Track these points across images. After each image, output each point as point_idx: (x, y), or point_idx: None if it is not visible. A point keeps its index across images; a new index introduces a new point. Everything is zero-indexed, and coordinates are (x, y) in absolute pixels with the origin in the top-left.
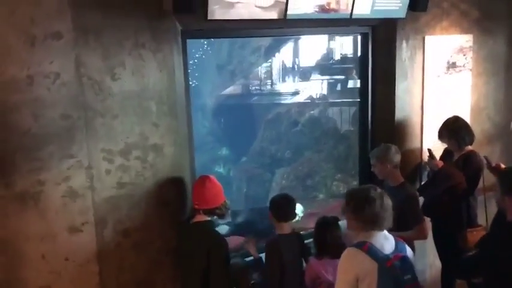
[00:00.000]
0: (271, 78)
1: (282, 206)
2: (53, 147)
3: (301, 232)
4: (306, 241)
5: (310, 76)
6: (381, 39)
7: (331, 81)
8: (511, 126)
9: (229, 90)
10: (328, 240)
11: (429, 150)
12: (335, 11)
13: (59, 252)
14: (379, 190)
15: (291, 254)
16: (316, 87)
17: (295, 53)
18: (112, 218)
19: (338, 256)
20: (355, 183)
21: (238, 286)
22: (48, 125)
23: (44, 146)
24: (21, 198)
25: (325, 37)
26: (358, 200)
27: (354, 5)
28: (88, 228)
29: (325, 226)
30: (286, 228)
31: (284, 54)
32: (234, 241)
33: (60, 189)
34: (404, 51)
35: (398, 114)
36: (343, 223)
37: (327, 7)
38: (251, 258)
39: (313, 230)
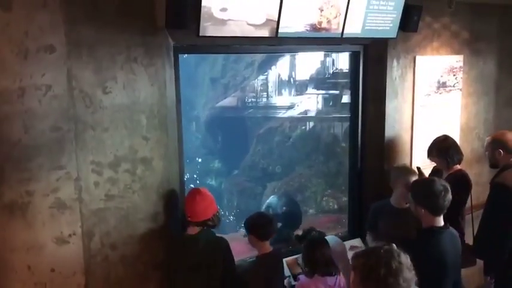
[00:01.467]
0: (263, 93)
1: (263, 225)
2: (43, 159)
3: None
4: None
5: (304, 91)
6: (372, 58)
7: (325, 96)
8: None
9: (220, 103)
10: (318, 258)
11: (418, 168)
12: (326, 30)
13: (45, 263)
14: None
15: (274, 272)
16: (309, 102)
17: (289, 68)
18: (99, 230)
19: (328, 273)
20: (344, 199)
21: None
22: (39, 137)
23: (34, 157)
24: (9, 209)
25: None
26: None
27: (345, 24)
28: (75, 240)
29: (315, 244)
30: (267, 247)
31: (277, 69)
32: None
33: (48, 200)
34: (395, 70)
35: (388, 132)
36: (331, 238)
37: (318, 26)
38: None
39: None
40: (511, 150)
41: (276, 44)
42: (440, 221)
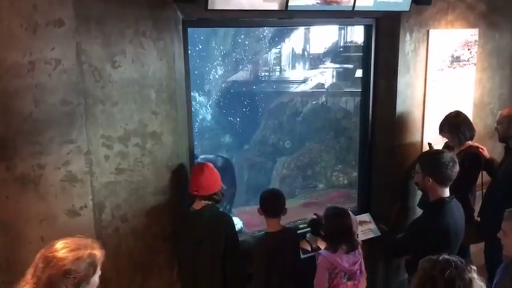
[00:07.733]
0: (274, 66)
1: (270, 202)
2: (53, 132)
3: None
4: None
5: (316, 65)
6: (385, 32)
7: (339, 70)
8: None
9: (231, 78)
10: (341, 232)
11: (429, 144)
12: (337, 3)
13: (57, 234)
14: None
15: (280, 251)
16: (322, 76)
17: (300, 41)
18: (110, 203)
19: (352, 249)
20: (354, 174)
21: None
22: (49, 111)
23: (45, 131)
24: (21, 181)
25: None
26: None
27: None
28: (86, 212)
29: (337, 217)
30: (275, 224)
31: (289, 42)
32: None
33: (59, 173)
34: (407, 44)
35: (400, 108)
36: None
37: None
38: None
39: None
40: None
41: (285, 17)
42: (447, 192)
